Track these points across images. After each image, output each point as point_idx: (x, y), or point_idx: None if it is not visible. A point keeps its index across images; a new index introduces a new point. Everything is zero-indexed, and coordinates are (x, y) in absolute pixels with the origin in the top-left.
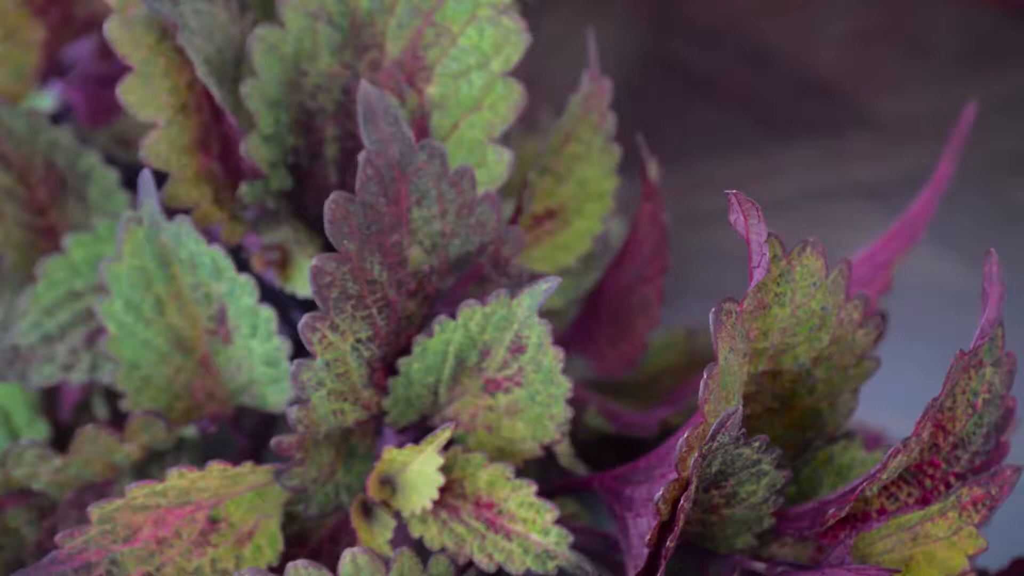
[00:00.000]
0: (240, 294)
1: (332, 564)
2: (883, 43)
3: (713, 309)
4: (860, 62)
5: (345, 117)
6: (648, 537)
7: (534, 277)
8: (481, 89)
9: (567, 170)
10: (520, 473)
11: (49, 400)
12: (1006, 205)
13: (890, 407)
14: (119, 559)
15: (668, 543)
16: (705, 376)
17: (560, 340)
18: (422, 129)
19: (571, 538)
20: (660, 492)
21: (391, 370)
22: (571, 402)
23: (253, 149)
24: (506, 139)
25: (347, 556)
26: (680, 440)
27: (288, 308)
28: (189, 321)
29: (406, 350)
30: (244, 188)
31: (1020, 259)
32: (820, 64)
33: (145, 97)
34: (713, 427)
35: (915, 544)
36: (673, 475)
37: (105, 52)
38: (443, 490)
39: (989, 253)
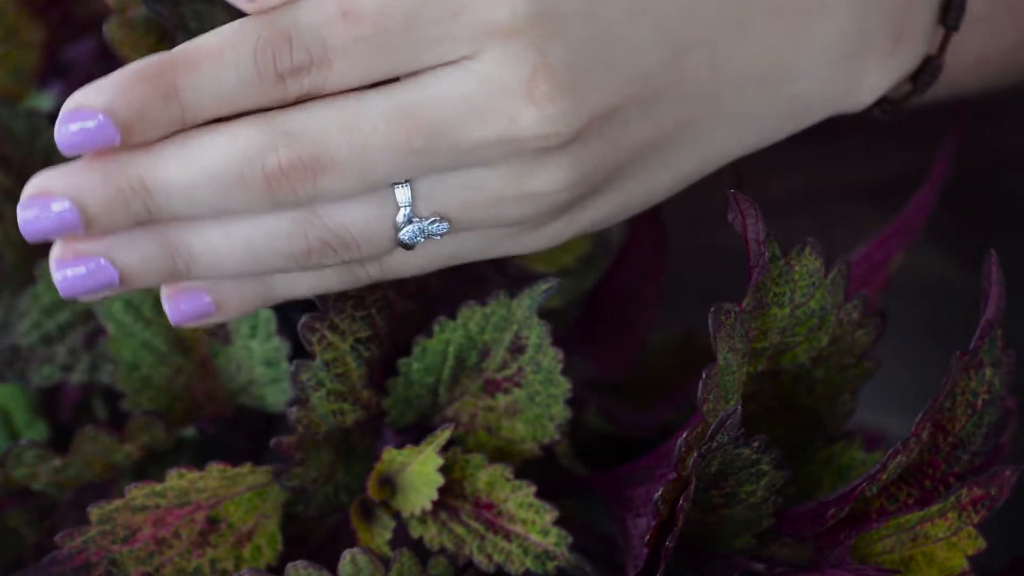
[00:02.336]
0: None
1: (332, 564)
2: None
3: (712, 309)
4: None
5: None
6: (647, 537)
7: (533, 277)
8: None
9: None
10: (520, 474)
11: (49, 400)
12: (1006, 204)
13: (890, 407)
14: (118, 559)
15: (667, 543)
16: (704, 376)
17: (560, 340)
18: None
19: (571, 538)
20: (659, 492)
21: (391, 370)
22: (571, 402)
23: None
24: None
25: (347, 556)
26: (679, 440)
27: (288, 308)
28: None
29: (406, 350)
30: None
31: (1020, 259)
32: None
33: None
34: (712, 427)
35: (915, 544)
36: (673, 475)
37: (105, 52)
38: (442, 491)
39: (989, 253)
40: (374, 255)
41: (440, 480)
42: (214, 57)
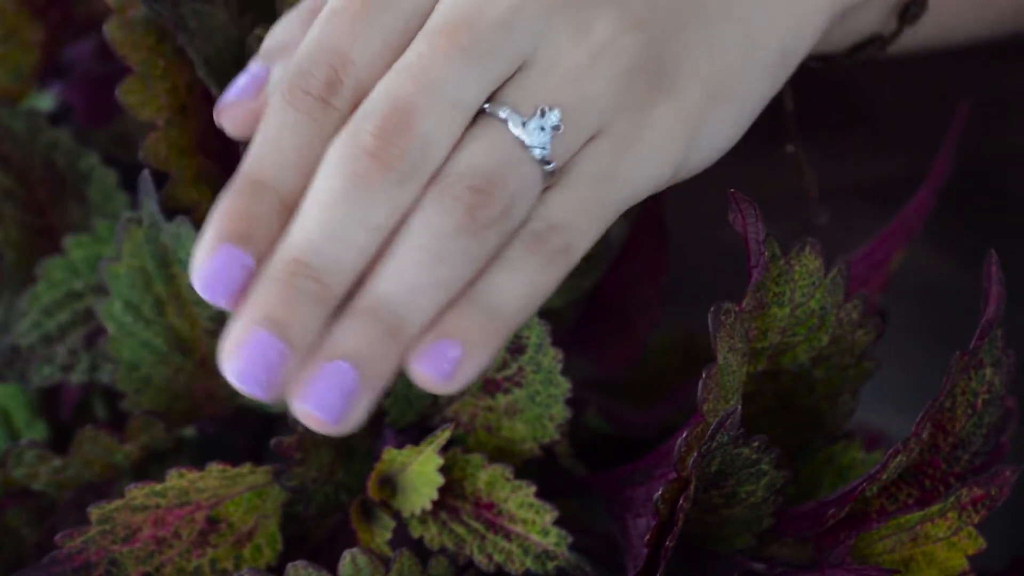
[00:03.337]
0: None
1: (332, 564)
2: None
3: (712, 309)
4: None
5: None
6: (647, 537)
7: None
8: None
9: None
10: (520, 474)
11: (49, 400)
12: (1006, 204)
13: (890, 407)
14: (118, 559)
15: (667, 543)
16: (704, 376)
17: (560, 340)
18: None
19: (570, 538)
20: (659, 492)
21: None
22: (571, 402)
23: None
24: None
25: (347, 556)
26: (679, 440)
27: None
28: (188, 321)
29: None
30: None
31: (1020, 259)
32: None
33: (145, 98)
34: (712, 427)
35: (915, 544)
36: (673, 475)
37: (105, 52)
38: (443, 491)
39: (989, 253)
40: (524, 185)
41: (440, 480)
42: (265, 135)
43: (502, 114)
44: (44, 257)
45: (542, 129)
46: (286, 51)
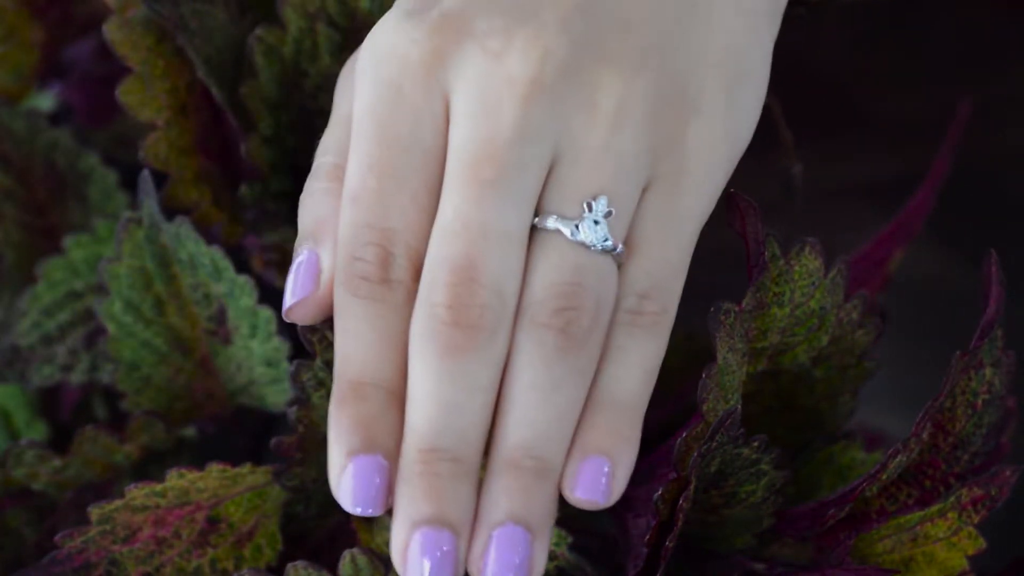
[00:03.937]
0: (240, 294)
1: (332, 564)
2: (882, 41)
3: (712, 309)
4: (858, 60)
5: None
6: (647, 537)
7: None
8: None
9: None
10: None
11: (49, 400)
12: (1006, 204)
13: (890, 407)
14: (118, 559)
15: (667, 543)
16: (704, 376)
17: None
18: None
19: (571, 538)
20: (659, 492)
21: None
22: None
23: (253, 150)
24: None
25: (346, 556)
26: (679, 440)
27: None
28: (189, 321)
29: None
30: (244, 189)
31: (1020, 259)
32: (818, 63)
33: (144, 98)
34: (712, 427)
35: (915, 545)
36: (672, 475)
37: (105, 52)
38: None
39: (989, 253)
40: (601, 280)
41: None
42: (343, 334)
43: (552, 225)
44: (44, 257)
45: (596, 223)
46: (324, 227)
